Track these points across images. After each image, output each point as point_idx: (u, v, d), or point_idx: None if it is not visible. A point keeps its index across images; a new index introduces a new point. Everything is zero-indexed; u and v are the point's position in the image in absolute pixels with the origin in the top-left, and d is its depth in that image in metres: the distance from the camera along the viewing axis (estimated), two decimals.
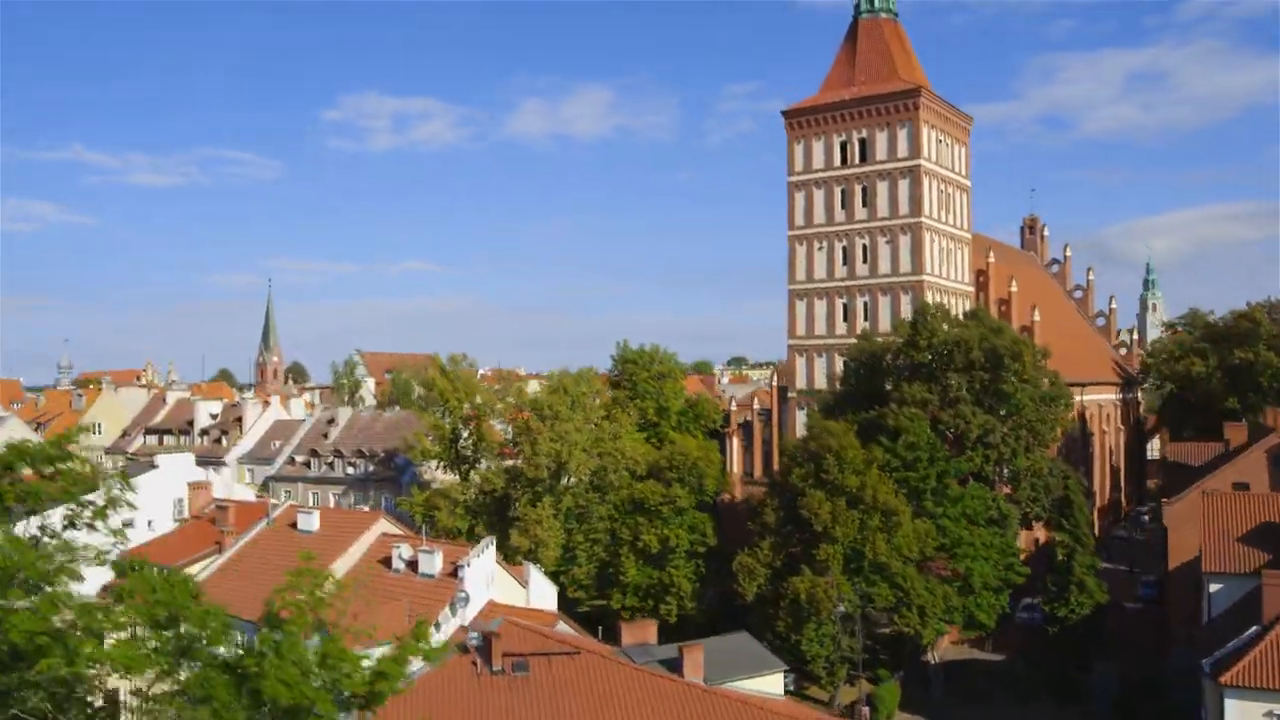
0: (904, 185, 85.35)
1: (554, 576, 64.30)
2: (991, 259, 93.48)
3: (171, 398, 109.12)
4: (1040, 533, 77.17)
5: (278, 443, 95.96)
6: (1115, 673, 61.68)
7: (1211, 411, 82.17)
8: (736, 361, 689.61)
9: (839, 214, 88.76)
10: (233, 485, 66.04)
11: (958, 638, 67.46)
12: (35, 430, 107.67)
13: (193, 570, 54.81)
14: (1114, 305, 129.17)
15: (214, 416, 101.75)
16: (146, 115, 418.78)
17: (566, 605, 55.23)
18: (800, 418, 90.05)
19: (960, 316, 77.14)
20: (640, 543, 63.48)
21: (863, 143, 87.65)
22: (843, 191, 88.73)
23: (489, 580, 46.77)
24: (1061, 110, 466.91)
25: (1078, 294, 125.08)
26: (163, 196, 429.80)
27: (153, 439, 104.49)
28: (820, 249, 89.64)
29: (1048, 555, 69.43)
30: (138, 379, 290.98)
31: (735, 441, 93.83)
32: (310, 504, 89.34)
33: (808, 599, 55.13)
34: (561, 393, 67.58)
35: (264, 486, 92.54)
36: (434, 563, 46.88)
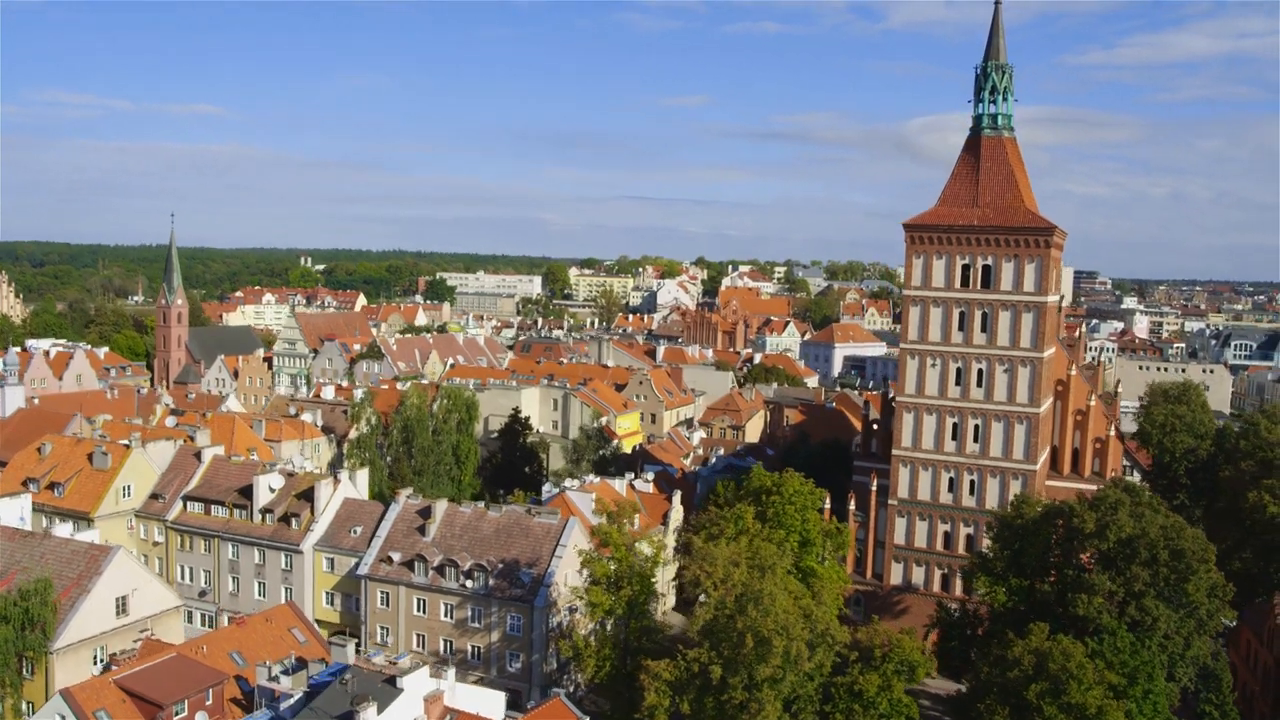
0: (1028, 318, 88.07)
1: None
2: (1073, 372, 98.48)
3: (206, 455, 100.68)
4: None
5: (357, 529, 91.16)
6: None
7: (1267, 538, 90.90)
8: (589, 263, 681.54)
9: (955, 335, 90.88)
10: (455, 688, 63.23)
11: None
12: (53, 491, 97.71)
13: None
14: (1103, 364, 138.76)
15: (272, 490, 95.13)
16: None
17: None
18: (900, 524, 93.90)
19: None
20: None
21: (986, 269, 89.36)
22: (961, 314, 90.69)
23: None
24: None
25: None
26: None
27: (195, 506, 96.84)
28: (933, 366, 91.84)
29: None
30: None
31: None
32: (416, 609, 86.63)
33: None
34: (771, 572, 67.69)
35: (355, 584, 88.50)
36: None
